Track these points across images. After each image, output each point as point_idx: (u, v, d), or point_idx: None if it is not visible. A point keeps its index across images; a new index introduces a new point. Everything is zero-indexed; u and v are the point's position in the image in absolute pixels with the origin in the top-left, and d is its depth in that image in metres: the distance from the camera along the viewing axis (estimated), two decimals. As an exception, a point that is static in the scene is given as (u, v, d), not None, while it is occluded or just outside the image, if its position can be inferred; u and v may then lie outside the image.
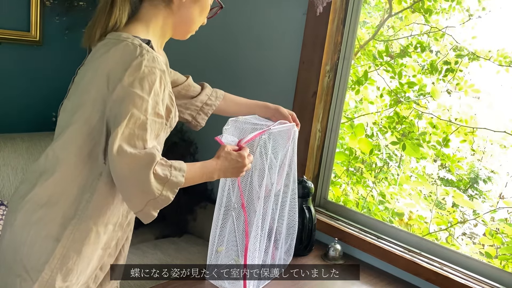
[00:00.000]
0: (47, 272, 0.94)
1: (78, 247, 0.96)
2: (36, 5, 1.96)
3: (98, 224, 0.98)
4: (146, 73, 0.91)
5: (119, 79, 0.90)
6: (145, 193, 0.89)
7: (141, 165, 0.88)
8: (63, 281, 0.96)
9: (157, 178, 0.89)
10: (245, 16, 1.96)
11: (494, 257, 1.81)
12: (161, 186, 0.90)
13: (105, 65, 0.93)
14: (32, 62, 2.05)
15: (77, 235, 0.95)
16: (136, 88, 0.90)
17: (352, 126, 2.17)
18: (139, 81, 0.90)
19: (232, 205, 1.31)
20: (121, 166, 0.88)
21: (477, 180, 1.99)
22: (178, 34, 1.10)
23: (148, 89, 0.91)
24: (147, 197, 0.89)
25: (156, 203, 0.91)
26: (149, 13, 1.03)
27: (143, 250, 1.81)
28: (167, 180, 0.91)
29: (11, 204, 1.00)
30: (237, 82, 2.01)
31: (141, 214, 0.92)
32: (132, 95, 0.89)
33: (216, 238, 1.32)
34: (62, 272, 0.95)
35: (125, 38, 0.95)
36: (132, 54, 0.92)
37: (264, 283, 1.32)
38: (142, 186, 0.88)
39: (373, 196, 2.23)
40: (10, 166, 1.73)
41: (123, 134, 0.88)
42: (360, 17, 1.70)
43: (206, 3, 1.08)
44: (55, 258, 0.94)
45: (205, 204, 2.09)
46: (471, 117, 1.99)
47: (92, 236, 0.97)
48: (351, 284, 1.42)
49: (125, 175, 0.89)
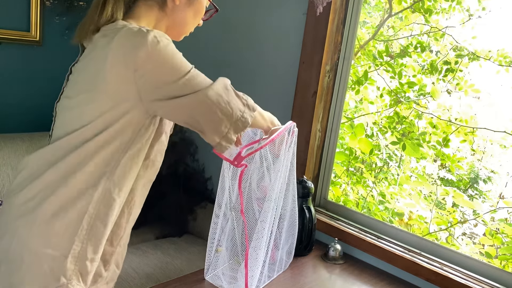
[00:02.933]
0: (78, 244, 0.94)
1: (103, 218, 0.97)
2: (36, 5, 1.96)
3: (120, 194, 0.99)
4: (165, 42, 0.92)
5: (142, 57, 0.89)
6: (229, 115, 0.96)
7: (222, 89, 0.96)
8: (94, 252, 0.97)
9: (238, 96, 0.98)
10: (245, 16, 1.96)
11: (494, 257, 1.81)
12: (243, 107, 0.99)
13: (115, 52, 0.91)
14: (32, 62, 2.05)
15: (101, 206, 0.96)
16: (166, 53, 0.91)
17: (352, 126, 2.17)
18: (164, 48, 0.91)
19: (232, 205, 1.31)
20: (209, 98, 0.94)
21: (477, 180, 1.99)
22: (171, 35, 1.10)
23: (174, 51, 0.93)
24: (231, 119, 0.96)
25: (237, 126, 0.98)
26: (143, 13, 1.03)
27: (143, 250, 1.81)
28: (246, 103, 1.00)
29: (11, 199, 0.98)
30: (237, 82, 2.00)
31: (221, 142, 0.97)
32: (168, 59, 0.91)
33: (216, 238, 1.32)
34: (92, 242, 0.96)
35: (123, 25, 0.95)
36: (141, 33, 0.91)
37: (264, 283, 1.32)
38: (227, 109, 0.96)
39: (373, 196, 2.23)
40: (10, 166, 1.73)
41: (192, 76, 0.93)
42: (360, 17, 1.70)
43: (201, 6, 1.08)
44: (83, 230, 0.94)
45: (205, 204, 2.09)
46: (471, 117, 1.99)
47: (116, 206, 0.99)
48: (351, 284, 1.42)
49: (212, 104, 0.94)
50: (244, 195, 1.32)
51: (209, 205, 2.08)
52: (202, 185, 2.14)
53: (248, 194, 1.33)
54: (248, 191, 1.33)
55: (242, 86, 1.99)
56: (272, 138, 1.22)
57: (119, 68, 0.91)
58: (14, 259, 0.94)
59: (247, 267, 1.23)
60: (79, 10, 2.10)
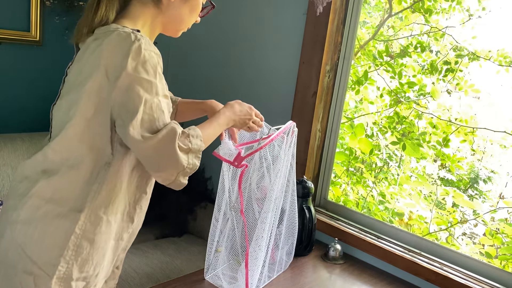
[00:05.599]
0: (63, 265, 0.94)
1: (90, 237, 0.97)
2: (36, 5, 1.96)
3: (108, 213, 0.99)
4: (147, 57, 0.91)
5: (121, 67, 0.90)
6: (175, 167, 0.93)
7: (165, 143, 0.91)
8: (80, 271, 0.97)
9: (181, 150, 0.94)
10: (245, 16, 1.95)
11: (494, 257, 1.81)
12: (186, 156, 0.94)
13: (100, 57, 0.92)
14: (32, 62, 2.05)
15: (88, 225, 0.96)
16: (142, 73, 0.90)
17: (352, 126, 2.17)
18: (142, 65, 0.91)
19: (232, 204, 1.31)
20: (147, 150, 0.91)
21: (477, 180, 1.99)
22: (168, 32, 1.10)
23: (153, 72, 0.92)
24: (176, 170, 0.94)
25: (186, 173, 0.96)
26: (138, 10, 1.02)
27: (143, 250, 1.81)
28: (190, 150, 0.95)
29: (8, 203, 0.99)
30: (237, 82, 2.01)
31: (173, 184, 0.96)
32: (140, 81, 0.90)
33: (215, 238, 1.32)
34: (78, 263, 0.96)
35: (115, 28, 0.95)
36: (128, 40, 0.91)
37: (264, 283, 1.32)
38: (170, 161, 0.92)
39: (373, 196, 2.23)
40: (10, 166, 1.73)
41: (143, 121, 0.90)
42: (360, 17, 1.70)
43: (196, 3, 1.07)
44: (69, 250, 0.94)
45: (205, 204, 2.09)
46: (471, 117, 1.99)
47: (103, 225, 0.98)
48: (351, 284, 1.42)
49: (153, 156, 0.92)
50: (244, 195, 1.32)
51: (209, 205, 2.08)
52: (202, 185, 2.14)
53: (248, 194, 1.33)
54: (248, 191, 1.33)
55: (242, 86, 2.00)
56: (272, 138, 1.22)
57: (98, 72, 0.92)
58: (8, 263, 0.96)
59: (247, 267, 1.23)
60: (79, 10, 2.10)
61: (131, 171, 1.01)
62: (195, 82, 2.22)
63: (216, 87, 2.11)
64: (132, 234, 1.11)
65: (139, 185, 1.05)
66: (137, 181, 1.04)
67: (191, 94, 2.14)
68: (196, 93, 2.19)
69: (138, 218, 1.09)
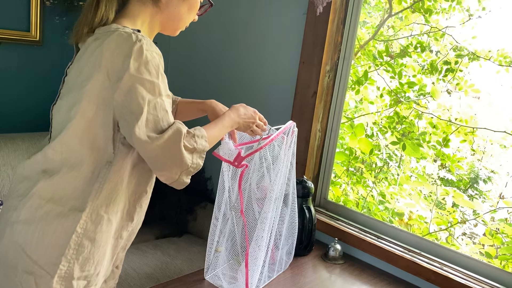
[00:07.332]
0: (64, 264, 0.94)
1: (91, 236, 0.97)
2: (36, 5, 1.96)
3: (109, 212, 0.99)
4: (149, 57, 0.92)
5: (123, 68, 0.90)
6: (179, 166, 0.94)
7: (171, 143, 0.92)
8: (81, 270, 0.97)
9: (187, 149, 0.95)
10: (245, 16, 1.95)
11: (494, 257, 1.81)
12: (191, 156, 0.96)
13: (101, 58, 0.92)
14: (32, 62, 2.05)
15: (89, 224, 0.96)
16: (144, 74, 0.91)
17: (352, 126, 2.17)
18: (145, 66, 0.91)
19: (232, 204, 1.31)
20: (153, 151, 0.92)
21: (477, 180, 1.99)
22: (166, 31, 1.11)
23: (155, 73, 0.93)
24: (180, 169, 0.95)
25: (189, 172, 0.97)
26: (137, 9, 1.03)
27: (143, 250, 1.81)
28: (195, 150, 0.96)
29: (8, 204, 1.00)
30: (237, 82, 2.01)
31: (175, 183, 0.97)
32: (143, 82, 0.91)
33: (215, 238, 1.32)
34: (79, 262, 0.96)
35: (115, 28, 0.95)
36: (129, 40, 0.91)
37: (264, 283, 1.32)
38: (175, 161, 0.93)
39: (373, 196, 2.23)
40: (10, 166, 1.73)
41: (147, 121, 0.91)
42: (360, 17, 1.70)
43: (195, 1, 1.08)
44: (70, 249, 0.94)
45: (205, 204, 2.09)
46: (471, 117, 1.99)
47: (104, 224, 0.99)
48: (351, 284, 1.42)
49: (159, 156, 0.93)
50: (244, 195, 1.32)
51: (209, 205, 2.08)
52: (202, 185, 2.14)
53: (248, 194, 1.33)
54: (248, 191, 1.33)
55: (242, 86, 2.00)
56: (272, 138, 1.22)
57: (99, 72, 0.92)
58: (8, 264, 0.96)
59: (247, 267, 1.23)
60: (79, 10, 2.10)
61: (132, 169, 1.01)
62: (195, 82, 2.22)
63: (216, 87, 2.11)
64: (132, 233, 1.11)
65: (139, 183, 1.05)
66: (138, 179, 1.04)
67: (191, 94, 2.14)
68: (196, 93, 2.19)
69: (138, 216, 1.09)
